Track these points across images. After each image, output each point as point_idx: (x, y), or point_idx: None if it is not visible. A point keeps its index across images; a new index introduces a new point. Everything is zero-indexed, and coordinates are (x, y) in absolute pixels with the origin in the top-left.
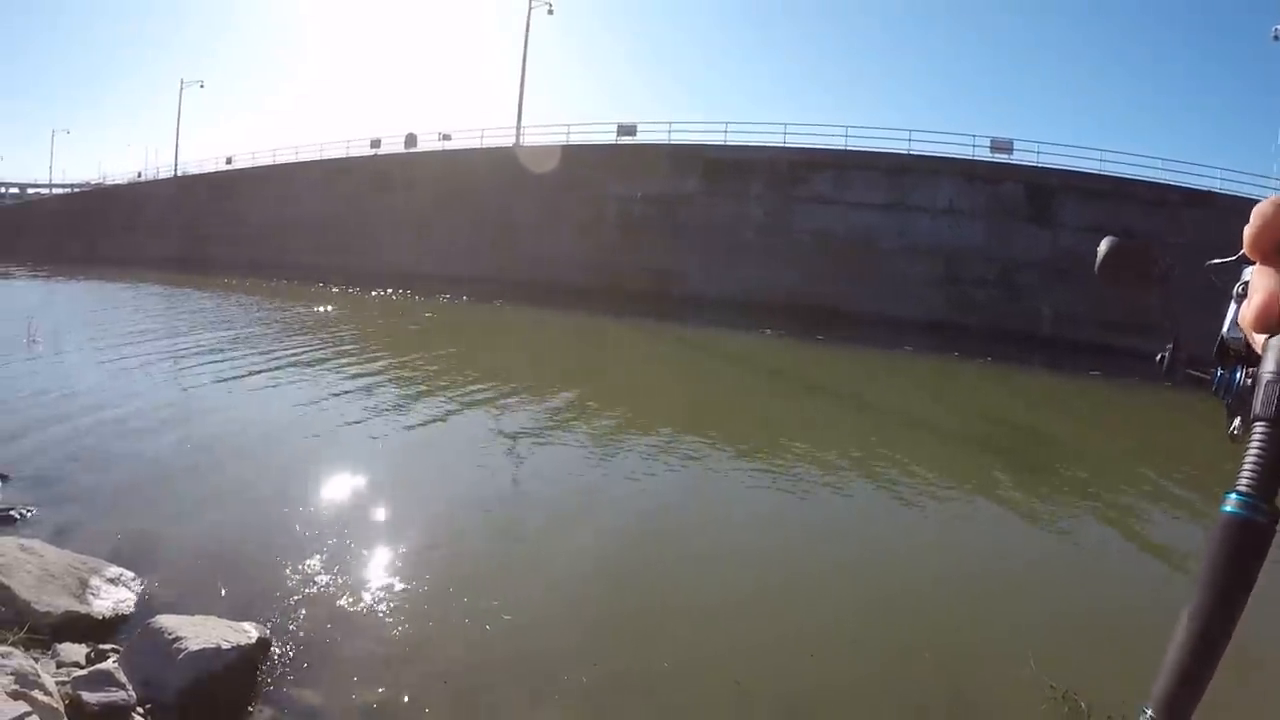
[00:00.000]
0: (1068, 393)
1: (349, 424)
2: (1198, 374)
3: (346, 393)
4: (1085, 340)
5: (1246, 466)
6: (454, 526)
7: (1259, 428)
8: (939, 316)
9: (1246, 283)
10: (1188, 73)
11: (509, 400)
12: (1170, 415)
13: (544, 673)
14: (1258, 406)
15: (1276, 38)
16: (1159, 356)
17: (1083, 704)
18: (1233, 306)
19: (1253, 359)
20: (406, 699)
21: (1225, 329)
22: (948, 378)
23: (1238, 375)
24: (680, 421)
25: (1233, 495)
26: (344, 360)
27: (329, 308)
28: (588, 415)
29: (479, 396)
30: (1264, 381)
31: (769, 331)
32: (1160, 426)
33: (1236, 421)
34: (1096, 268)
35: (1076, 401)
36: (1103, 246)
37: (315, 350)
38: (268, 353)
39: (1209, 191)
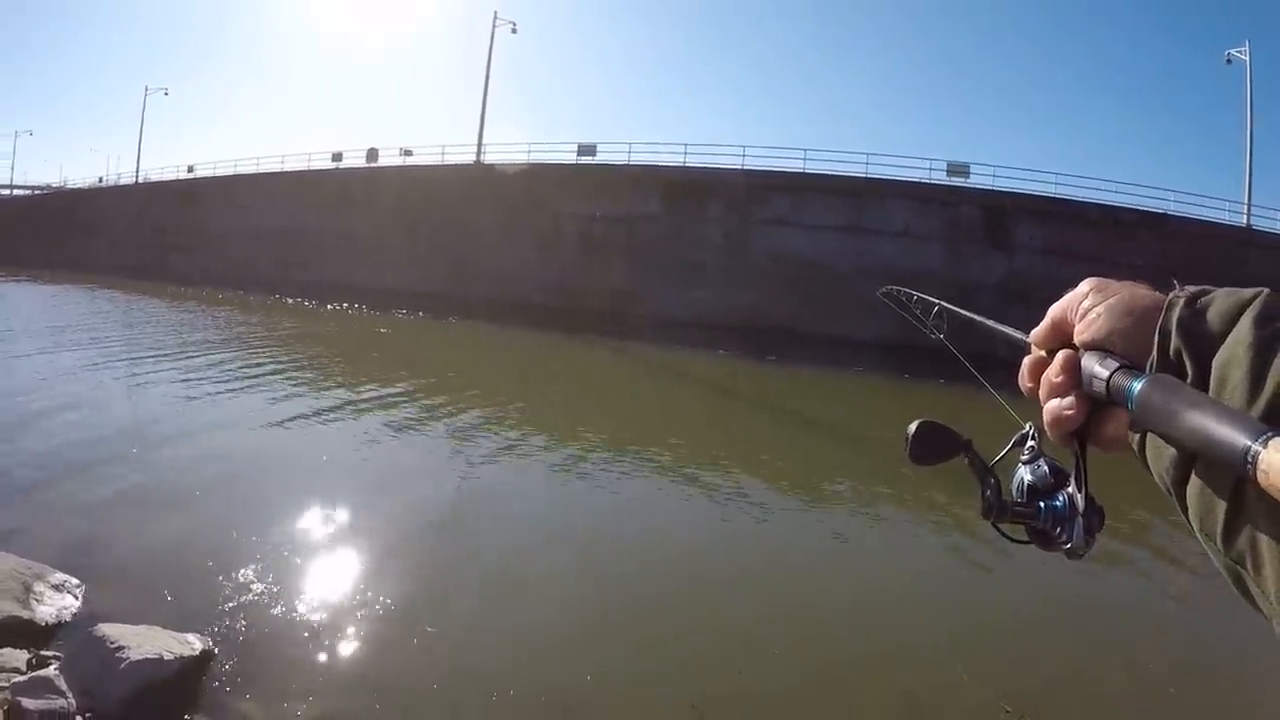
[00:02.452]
0: (1012, 415)
1: (295, 437)
2: (1020, 511)
3: (295, 410)
4: None
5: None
6: (398, 542)
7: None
8: (894, 339)
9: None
10: (1143, 96)
11: (456, 416)
12: None
13: (479, 689)
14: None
15: (1229, 61)
16: (981, 505)
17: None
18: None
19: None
20: (343, 715)
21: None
22: (894, 398)
23: (1058, 499)
24: (622, 439)
25: None
26: (295, 375)
27: (276, 320)
28: (526, 432)
29: (427, 411)
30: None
31: (723, 352)
32: None
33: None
34: (906, 450)
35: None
36: (910, 428)
37: (253, 364)
38: (198, 363)
39: (1162, 213)
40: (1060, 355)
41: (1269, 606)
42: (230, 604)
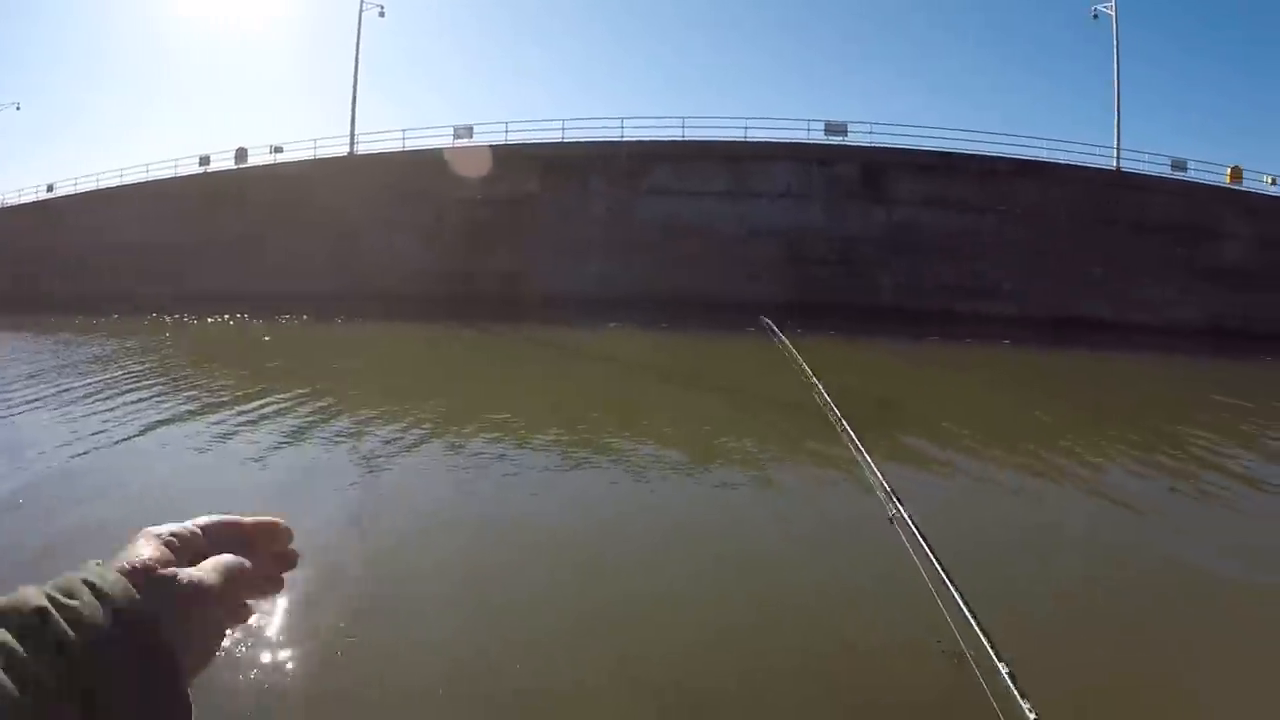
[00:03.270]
0: (903, 359)
1: (172, 458)
2: None
3: (172, 434)
4: (926, 308)
5: None
6: (308, 551)
7: None
8: (783, 297)
9: None
10: (1015, 49)
11: (338, 420)
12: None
13: (407, 695)
14: None
15: (1096, 16)
16: None
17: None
18: None
19: None
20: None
21: None
22: (787, 355)
23: None
24: (519, 419)
25: None
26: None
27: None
28: (417, 426)
29: (320, 417)
30: None
31: (614, 325)
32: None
33: None
34: None
35: (907, 367)
36: None
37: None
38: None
39: (1037, 161)
40: None
41: None
42: None
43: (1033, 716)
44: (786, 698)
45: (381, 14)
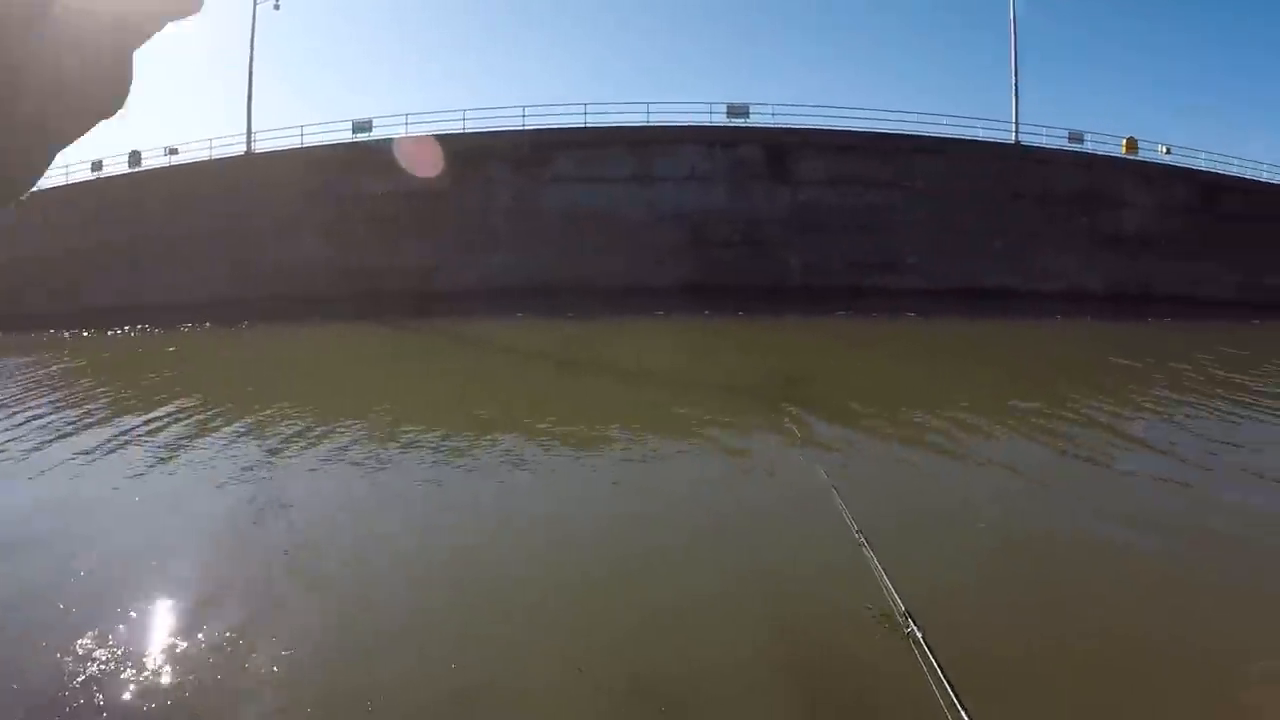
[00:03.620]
0: (812, 336)
1: (62, 486)
2: None
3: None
4: (834, 285)
5: None
6: (225, 569)
7: None
8: (689, 280)
9: None
10: (914, 27)
11: (248, 430)
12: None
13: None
14: None
15: None
16: None
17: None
18: None
19: None
20: None
21: None
22: (697, 336)
23: None
24: (433, 415)
25: None
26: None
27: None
28: (328, 432)
29: (220, 431)
30: None
31: (522, 315)
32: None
33: None
34: None
35: (816, 344)
36: None
37: None
38: None
39: (939, 137)
40: None
41: None
42: (78, 680)
43: (940, 671)
44: (726, 657)
45: (277, 6)
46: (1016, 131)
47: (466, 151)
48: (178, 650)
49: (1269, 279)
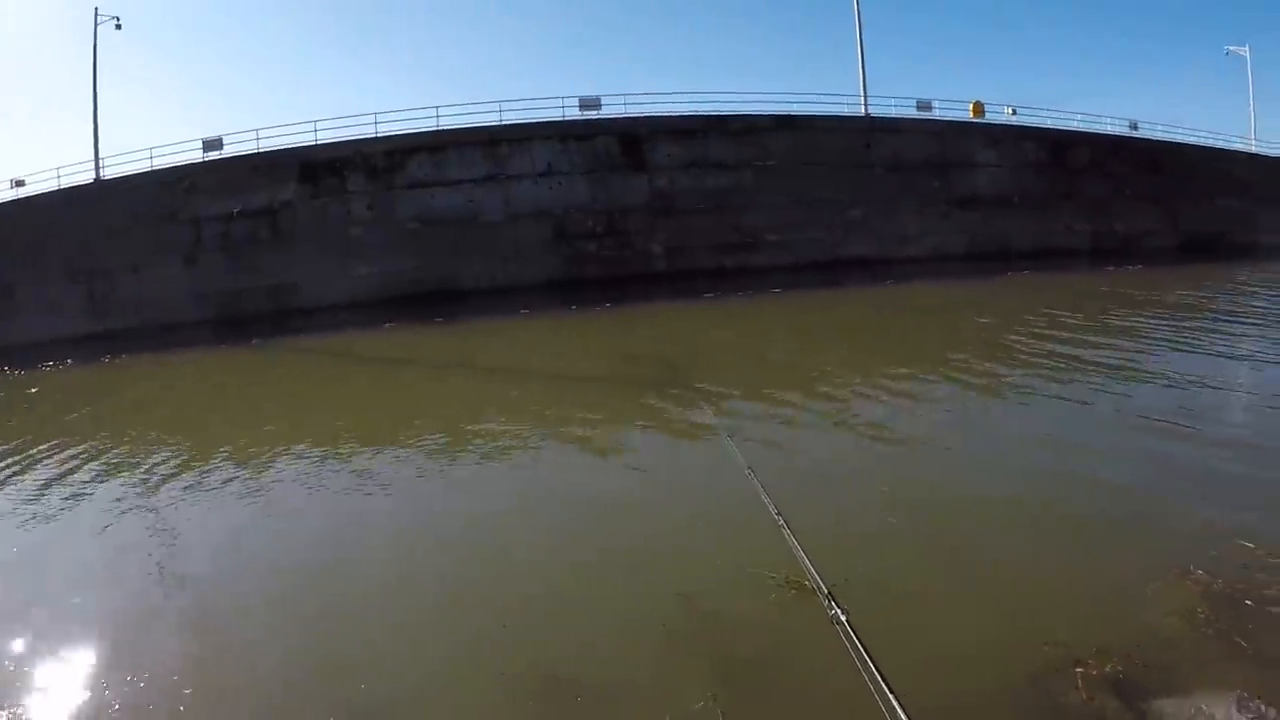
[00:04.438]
0: (682, 321)
1: None
2: None
3: None
4: (699, 268)
5: None
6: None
7: None
8: (555, 275)
9: None
10: (761, 9)
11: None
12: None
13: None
14: None
15: None
16: None
17: (806, 582)
18: None
19: None
20: None
21: None
22: (566, 331)
23: None
24: (298, 437)
25: None
26: None
27: None
28: (191, 461)
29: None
30: None
31: (389, 325)
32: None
33: None
34: None
35: (687, 328)
36: None
37: None
38: None
39: (781, 115)
40: None
41: None
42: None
43: (844, 619)
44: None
45: (118, 26)
46: (865, 104)
47: (320, 164)
48: None
49: (1119, 226)
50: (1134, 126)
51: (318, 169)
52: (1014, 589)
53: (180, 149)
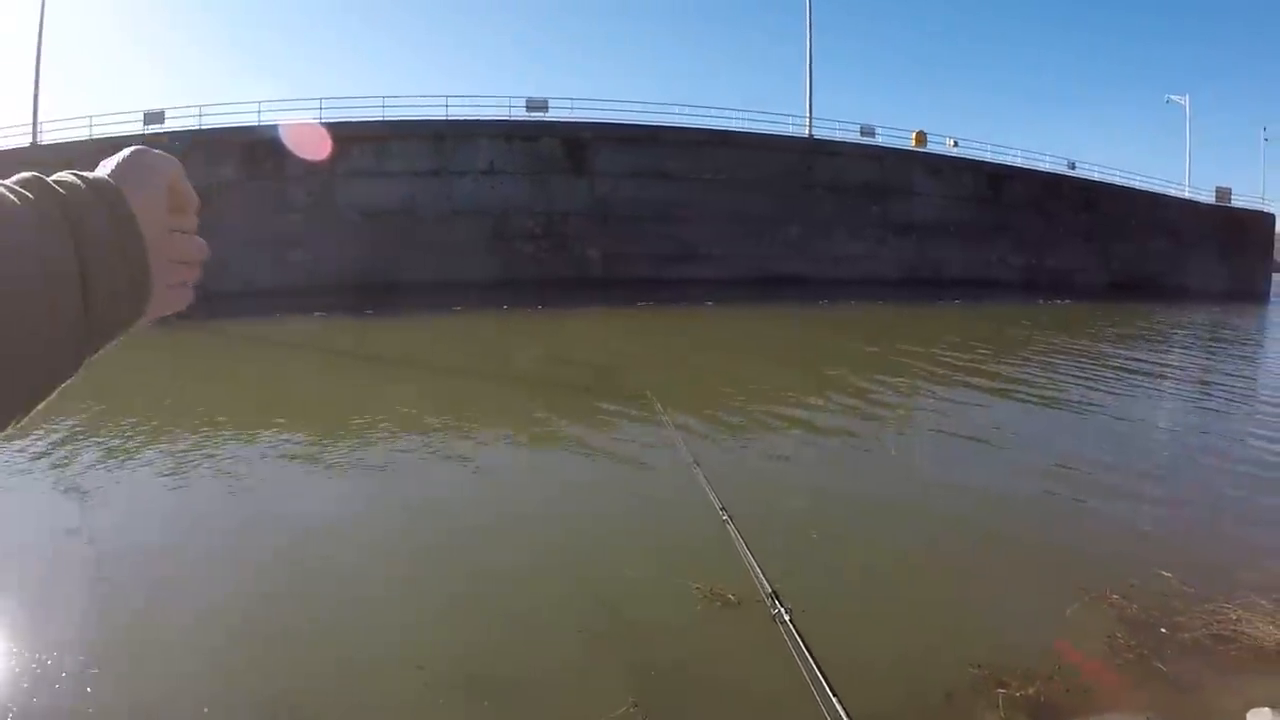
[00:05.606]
0: (616, 328)
1: None
2: None
3: None
4: (635, 276)
5: None
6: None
7: None
8: (491, 275)
9: None
10: (713, 27)
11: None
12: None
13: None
14: None
15: None
16: None
17: (730, 595)
18: None
19: None
20: None
21: None
22: (497, 330)
23: None
24: (220, 424)
25: None
26: None
27: None
28: (104, 442)
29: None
30: None
31: (320, 314)
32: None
33: None
34: None
35: (620, 335)
36: None
37: None
38: None
39: (735, 131)
40: None
41: None
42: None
43: (788, 616)
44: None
45: None
46: (810, 125)
47: (260, 145)
48: None
49: (1051, 261)
50: (1071, 166)
51: (257, 150)
52: (937, 604)
53: (122, 119)
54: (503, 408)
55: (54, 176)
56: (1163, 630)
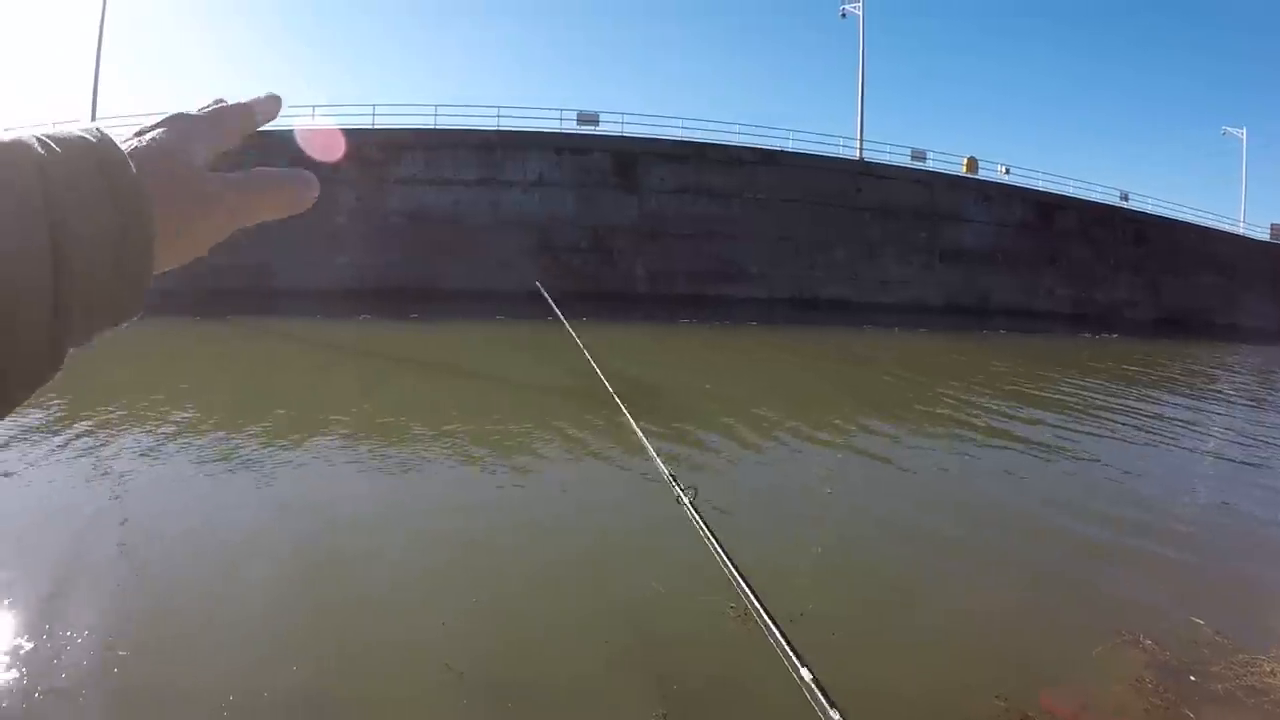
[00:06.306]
0: (659, 343)
1: None
2: None
3: None
4: (679, 293)
5: None
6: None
7: None
8: (536, 285)
9: None
10: (762, 45)
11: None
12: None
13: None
14: None
15: (844, 15)
16: None
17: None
18: None
19: None
20: None
21: None
22: (540, 340)
23: None
24: (276, 422)
25: None
26: None
27: None
28: (160, 432)
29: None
30: None
31: (366, 316)
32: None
33: None
34: None
35: (663, 350)
36: None
37: None
38: None
39: (774, 150)
40: None
41: None
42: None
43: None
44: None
45: None
46: (861, 147)
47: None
48: None
49: (1100, 294)
50: (1124, 197)
51: (309, 154)
52: (967, 633)
53: None
54: (543, 414)
55: (42, 132)
56: (1193, 678)
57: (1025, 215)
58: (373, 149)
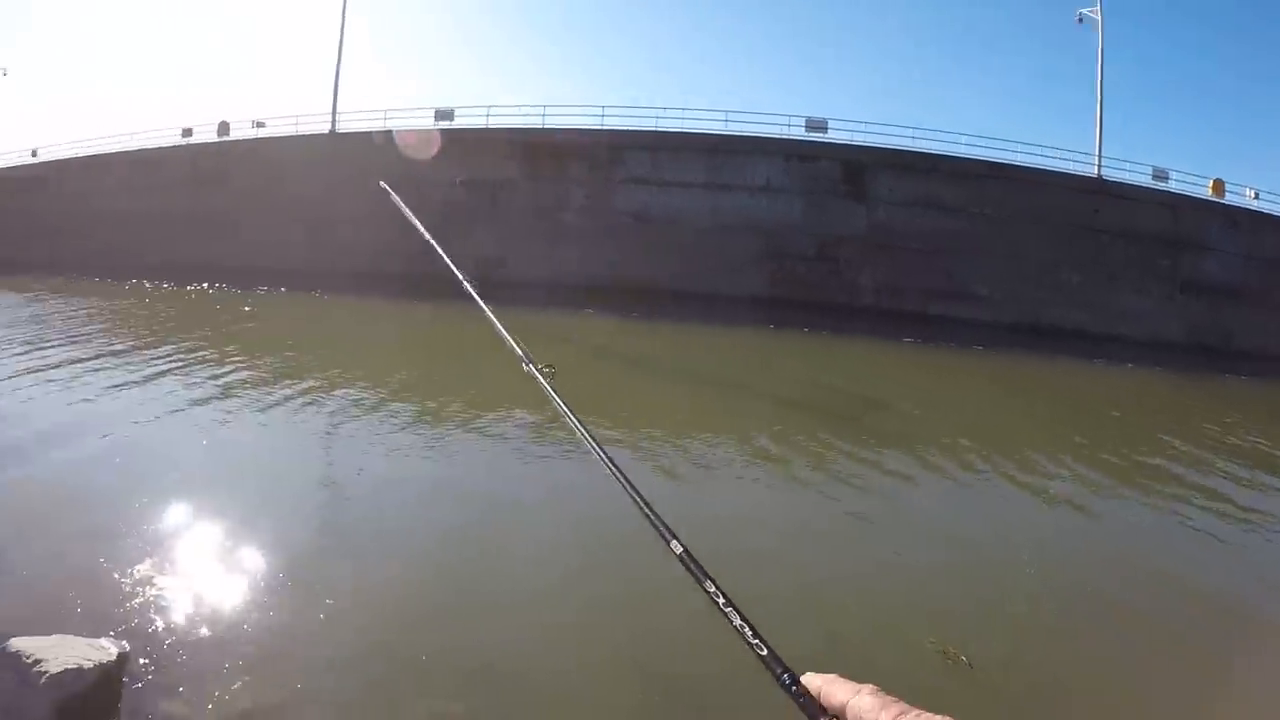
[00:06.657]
0: (884, 359)
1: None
2: None
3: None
4: (904, 309)
5: None
6: (284, 517)
7: None
8: (759, 291)
9: None
10: (995, 54)
11: (326, 397)
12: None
13: (396, 658)
14: None
15: (1081, 20)
16: None
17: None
18: None
19: None
20: (265, 704)
21: None
22: (765, 347)
23: None
24: (510, 404)
25: None
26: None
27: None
28: (383, 403)
29: (306, 394)
30: None
31: (590, 311)
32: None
33: None
34: None
35: (888, 368)
36: None
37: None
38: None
39: (1006, 164)
40: None
41: None
42: (135, 602)
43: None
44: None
45: None
46: (1099, 165)
47: (544, 147)
48: None
49: None
50: None
51: (542, 152)
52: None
53: (413, 114)
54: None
55: None
56: None
57: (1277, 247)
58: (602, 149)
